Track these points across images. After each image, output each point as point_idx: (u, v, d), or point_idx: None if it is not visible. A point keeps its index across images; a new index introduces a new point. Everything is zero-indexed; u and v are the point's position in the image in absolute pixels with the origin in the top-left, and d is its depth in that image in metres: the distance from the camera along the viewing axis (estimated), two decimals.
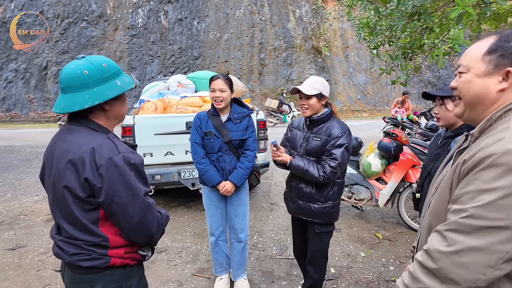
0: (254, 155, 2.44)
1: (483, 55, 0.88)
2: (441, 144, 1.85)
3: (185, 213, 4.24)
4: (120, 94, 1.18)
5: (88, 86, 1.12)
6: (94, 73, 1.13)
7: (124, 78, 1.22)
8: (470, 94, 0.90)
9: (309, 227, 2.15)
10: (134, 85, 1.23)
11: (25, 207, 4.42)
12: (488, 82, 0.87)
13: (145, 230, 1.16)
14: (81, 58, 1.17)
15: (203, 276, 2.79)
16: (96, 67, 1.14)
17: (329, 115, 2.04)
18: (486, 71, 0.87)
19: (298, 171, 2.00)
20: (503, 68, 0.85)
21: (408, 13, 3.21)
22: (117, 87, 1.17)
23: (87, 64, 1.13)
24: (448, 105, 1.72)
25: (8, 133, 11.34)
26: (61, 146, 1.15)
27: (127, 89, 1.19)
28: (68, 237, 1.16)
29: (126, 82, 1.21)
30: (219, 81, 2.30)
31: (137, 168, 1.15)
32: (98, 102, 1.12)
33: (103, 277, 1.16)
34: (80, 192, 1.09)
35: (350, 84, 19.25)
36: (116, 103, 1.22)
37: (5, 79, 14.75)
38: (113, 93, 1.15)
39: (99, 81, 1.13)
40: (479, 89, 0.88)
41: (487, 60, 0.87)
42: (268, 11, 18.06)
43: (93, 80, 1.12)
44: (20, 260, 3.04)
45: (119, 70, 1.22)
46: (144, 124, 3.71)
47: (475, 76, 0.89)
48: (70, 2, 15.44)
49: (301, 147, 2.10)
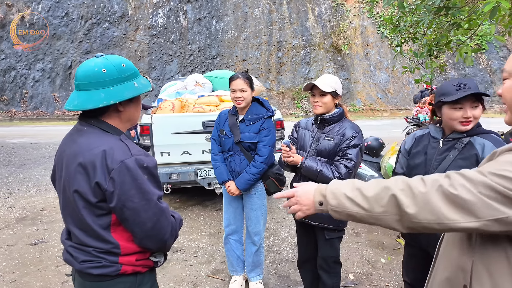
0: (262, 162, 2.31)
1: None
2: (446, 146, 1.62)
3: (201, 213, 4.23)
4: (136, 96, 1.14)
5: (105, 84, 1.08)
6: (112, 72, 1.09)
7: (141, 80, 1.19)
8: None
9: (319, 234, 2.05)
10: (151, 88, 1.20)
11: (48, 203, 4.55)
12: None
13: (158, 236, 1.12)
14: (100, 56, 1.14)
15: (218, 278, 2.75)
16: (115, 66, 1.11)
17: (341, 114, 1.99)
18: None
19: (310, 172, 1.91)
20: None
21: (435, 8, 3.05)
22: (134, 88, 1.13)
23: (106, 63, 1.10)
24: (482, 105, 1.56)
25: (34, 130, 11.80)
26: (71, 148, 1.11)
27: (144, 91, 1.15)
28: (79, 243, 1.13)
29: (143, 85, 1.18)
30: (239, 81, 2.27)
31: (150, 172, 1.11)
32: (113, 101, 1.08)
33: (113, 285, 1.12)
34: (91, 196, 1.05)
35: (371, 82, 18.79)
36: (131, 105, 1.18)
37: (32, 79, 15.37)
38: (130, 94, 1.11)
39: (117, 81, 1.10)
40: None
41: None
42: (287, 9, 17.90)
43: (110, 79, 1.09)
44: (41, 255, 3.11)
45: (136, 72, 1.18)
46: (161, 123, 3.73)
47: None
48: (93, 4, 15.89)
49: (311, 147, 2.01)
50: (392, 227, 0.80)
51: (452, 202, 0.71)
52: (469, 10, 3.21)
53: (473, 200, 0.68)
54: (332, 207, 0.87)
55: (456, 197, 0.70)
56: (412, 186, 0.76)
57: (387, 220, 0.79)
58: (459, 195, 0.70)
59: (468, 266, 0.79)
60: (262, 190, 2.47)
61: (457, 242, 0.85)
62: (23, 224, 3.85)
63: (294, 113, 16.14)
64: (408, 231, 0.80)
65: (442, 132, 1.67)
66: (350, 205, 0.84)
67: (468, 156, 1.53)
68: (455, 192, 0.70)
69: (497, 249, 0.74)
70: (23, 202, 4.60)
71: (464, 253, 0.81)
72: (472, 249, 0.80)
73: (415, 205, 0.74)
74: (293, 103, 17.37)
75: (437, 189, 0.73)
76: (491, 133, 1.57)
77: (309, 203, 0.92)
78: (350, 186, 0.87)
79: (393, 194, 0.77)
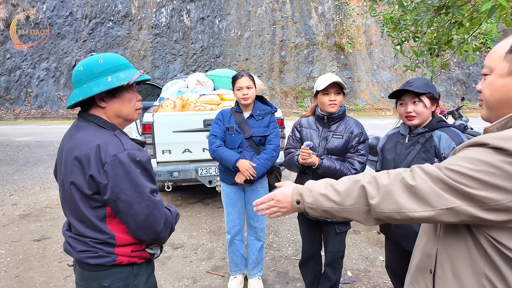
0: (273, 149, 2.39)
1: (505, 54, 0.81)
2: (411, 141, 1.73)
3: (202, 210, 4.27)
4: (115, 91, 1.14)
5: (81, 82, 1.13)
6: (86, 70, 1.13)
7: (121, 74, 1.15)
8: (494, 96, 0.83)
9: (328, 229, 2.08)
10: (125, 82, 1.14)
11: (51, 200, 4.62)
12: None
13: (152, 228, 1.15)
14: (89, 56, 1.18)
15: (217, 274, 2.79)
16: (91, 63, 1.14)
17: (344, 112, 2.06)
18: (509, 70, 0.80)
19: (329, 172, 1.93)
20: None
21: (435, 7, 3.05)
22: (105, 83, 1.11)
23: (85, 61, 1.15)
24: (425, 101, 1.67)
25: (39, 128, 11.92)
26: (69, 143, 1.16)
27: (115, 85, 1.12)
28: (77, 233, 1.17)
29: (119, 79, 1.14)
30: (245, 79, 2.33)
31: (143, 165, 1.14)
32: (81, 98, 1.10)
33: (110, 275, 1.16)
34: (86, 189, 1.09)
35: (374, 81, 18.72)
36: (115, 101, 1.17)
37: (37, 78, 15.51)
38: (98, 89, 1.10)
39: (90, 77, 1.12)
40: (503, 91, 0.81)
41: (510, 59, 0.80)
42: (290, 8, 17.88)
43: (85, 77, 1.13)
44: (44, 251, 3.17)
45: (119, 66, 1.15)
46: (163, 122, 3.76)
47: (498, 77, 0.82)
48: (97, 3, 15.99)
49: (319, 146, 2.04)
50: (362, 219, 0.85)
51: (411, 192, 0.77)
52: (470, 8, 3.21)
53: (428, 190, 0.74)
54: (308, 204, 0.93)
55: (414, 188, 0.76)
56: (378, 178, 0.82)
57: (357, 212, 0.85)
58: (416, 186, 0.76)
59: (433, 252, 0.86)
60: (265, 185, 2.53)
61: (426, 231, 0.93)
62: (27, 220, 3.91)
63: (297, 112, 16.14)
64: (376, 222, 0.85)
65: (409, 129, 1.79)
66: (324, 200, 0.89)
67: (429, 148, 1.65)
68: (414, 183, 0.76)
69: (457, 238, 0.80)
70: (27, 199, 4.67)
71: (431, 240, 0.88)
72: (437, 237, 0.86)
73: (378, 195, 0.80)
74: (296, 102, 17.36)
75: (400, 181, 0.79)
76: (451, 127, 1.68)
77: (287, 203, 0.99)
78: (323, 184, 0.94)
79: (362, 185, 0.83)
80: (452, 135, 1.62)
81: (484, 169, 0.70)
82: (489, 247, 0.74)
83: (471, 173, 0.71)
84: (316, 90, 2.01)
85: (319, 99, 2.02)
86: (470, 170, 0.71)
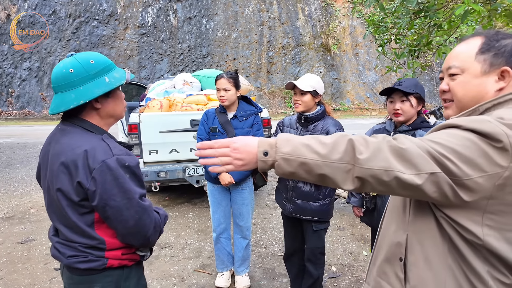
0: None
1: (476, 55, 0.86)
2: None
3: (190, 210, 4.29)
4: (109, 91, 1.12)
5: (74, 85, 1.08)
6: (79, 71, 1.09)
7: (115, 74, 1.16)
8: (468, 95, 0.87)
9: (306, 226, 2.15)
10: (124, 81, 1.16)
11: (35, 202, 4.54)
12: (486, 81, 0.85)
13: (141, 233, 1.14)
14: (69, 56, 1.13)
15: (205, 272, 2.82)
16: (82, 64, 1.10)
17: (323, 112, 2.10)
18: (482, 70, 0.85)
19: None
20: (498, 67, 0.84)
21: (414, 10, 3.17)
22: (105, 84, 1.11)
23: (74, 62, 1.10)
24: (412, 101, 1.79)
25: (21, 130, 11.63)
26: (55, 148, 1.13)
27: (115, 86, 1.13)
28: (65, 239, 1.15)
29: (116, 78, 1.14)
30: (223, 80, 2.36)
31: (132, 170, 1.12)
32: (83, 101, 1.07)
33: (101, 278, 1.15)
34: (73, 195, 1.07)
35: (360, 82, 19.04)
36: (109, 101, 1.17)
37: (19, 78, 15.11)
38: (100, 90, 1.10)
39: (86, 79, 1.09)
40: (478, 90, 0.85)
41: (481, 60, 0.85)
42: (277, 9, 17.99)
43: (78, 79, 1.08)
44: (29, 254, 3.13)
45: (109, 66, 1.16)
46: (149, 122, 3.76)
47: (471, 77, 0.86)
48: (81, 2, 15.69)
49: None
50: (340, 179, 0.78)
51: (400, 154, 0.75)
52: (447, 12, 3.35)
53: (416, 154, 0.74)
54: (284, 155, 0.78)
55: (403, 151, 0.75)
56: (365, 137, 0.80)
57: (339, 169, 0.77)
58: (406, 149, 0.75)
59: (403, 239, 0.87)
60: (250, 185, 2.58)
61: (394, 219, 0.94)
62: (11, 223, 3.84)
63: (285, 112, 16.26)
64: (354, 184, 0.78)
65: (394, 127, 1.90)
66: (306, 151, 0.78)
67: None
68: (404, 146, 0.75)
69: (425, 222, 0.83)
70: (10, 201, 4.58)
71: (400, 227, 0.89)
72: (406, 223, 0.88)
73: (368, 151, 0.76)
74: (284, 102, 17.49)
75: (387, 142, 0.77)
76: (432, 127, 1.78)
77: (247, 154, 0.81)
78: (306, 137, 0.83)
79: (350, 139, 0.78)
80: None
81: (463, 143, 0.73)
82: (449, 228, 0.79)
83: (451, 145, 0.73)
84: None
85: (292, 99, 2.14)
86: (450, 142, 0.74)
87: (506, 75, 0.83)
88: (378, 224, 1.84)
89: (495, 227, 0.75)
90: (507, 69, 0.82)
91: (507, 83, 0.83)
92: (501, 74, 0.83)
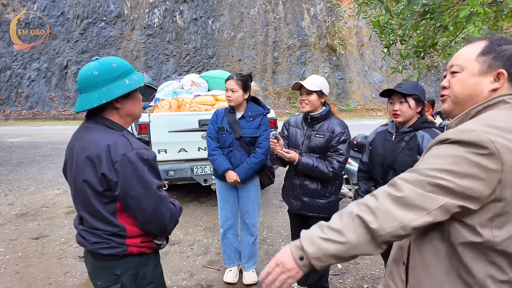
0: (263, 153, 2.50)
1: (477, 56, 0.92)
2: (397, 139, 1.90)
3: (198, 208, 4.37)
4: (128, 92, 1.23)
5: (98, 86, 1.19)
6: (103, 74, 1.20)
7: (134, 77, 1.26)
8: (464, 92, 0.93)
9: (313, 223, 2.19)
10: (142, 83, 1.27)
11: (47, 200, 4.67)
12: (482, 81, 0.91)
13: (158, 221, 1.24)
14: (94, 60, 1.25)
15: (213, 268, 2.90)
16: (105, 67, 1.21)
17: (328, 112, 2.16)
18: (480, 71, 0.91)
19: (307, 169, 2.07)
20: (495, 69, 0.90)
21: (420, 12, 3.21)
22: (125, 86, 1.22)
23: (98, 66, 1.21)
24: (410, 102, 1.84)
25: (30, 129, 11.85)
26: (80, 143, 1.23)
27: (134, 88, 1.24)
28: (90, 227, 1.25)
29: (135, 81, 1.25)
30: (232, 81, 2.44)
31: (150, 163, 1.22)
32: (105, 100, 1.18)
33: (121, 264, 1.25)
34: (98, 186, 1.17)
35: (365, 82, 19.02)
36: (128, 101, 1.27)
37: (28, 78, 15.36)
38: (120, 91, 1.20)
39: (108, 81, 1.20)
40: (474, 88, 0.92)
41: (481, 61, 0.91)
42: (283, 10, 18.05)
43: (102, 80, 1.19)
44: (43, 249, 3.23)
45: (129, 70, 1.27)
46: (159, 122, 3.86)
47: (469, 75, 0.93)
48: (89, 3, 15.91)
49: (303, 144, 2.17)
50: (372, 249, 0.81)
51: (403, 204, 0.79)
52: (454, 13, 3.38)
53: (418, 196, 0.78)
54: (313, 255, 0.83)
55: (404, 199, 0.79)
56: (367, 203, 0.83)
57: (364, 244, 0.81)
58: (406, 196, 0.78)
59: (406, 245, 0.94)
60: (257, 183, 2.65)
61: None
62: (24, 219, 3.96)
63: (290, 113, 16.31)
64: (383, 247, 0.81)
65: (396, 128, 1.96)
66: (329, 245, 0.82)
67: (413, 146, 1.82)
68: (402, 194, 0.79)
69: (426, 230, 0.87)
70: (23, 199, 4.71)
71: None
72: None
73: (376, 218, 0.79)
74: (289, 103, 17.54)
75: (387, 197, 0.81)
76: (433, 128, 1.86)
77: (292, 264, 0.86)
78: (318, 228, 0.88)
79: (356, 215, 0.82)
80: (434, 136, 1.78)
81: (454, 161, 0.78)
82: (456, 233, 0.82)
83: (445, 167, 0.78)
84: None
85: (298, 99, 2.20)
86: (443, 164, 0.78)
87: (501, 77, 0.89)
88: None
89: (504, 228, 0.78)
90: (503, 72, 0.89)
91: (501, 85, 0.89)
92: (497, 76, 0.89)
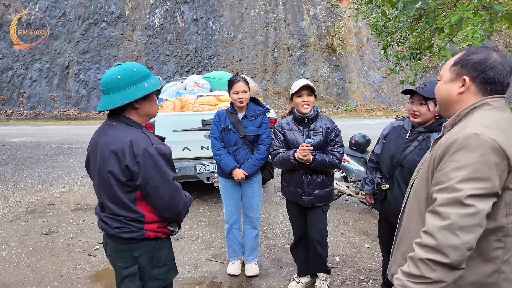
0: (266, 149, 2.64)
1: (450, 66, 1.11)
2: (410, 138, 1.96)
3: (201, 205, 4.51)
4: (147, 94, 1.39)
5: (120, 88, 1.35)
6: (125, 77, 1.35)
7: (152, 80, 1.42)
8: (441, 96, 1.15)
9: (317, 211, 2.38)
10: (159, 86, 1.45)
11: (54, 198, 4.80)
12: (451, 87, 1.10)
13: (174, 208, 1.40)
14: (117, 65, 1.40)
15: (217, 261, 3.03)
16: (127, 72, 1.36)
17: (317, 112, 2.35)
18: (450, 78, 1.10)
19: (322, 165, 2.25)
20: (461, 76, 1.08)
21: (415, 16, 3.34)
22: (144, 88, 1.37)
23: (120, 70, 1.37)
24: (430, 105, 1.87)
25: (33, 129, 11.97)
26: (104, 139, 1.39)
27: (152, 90, 1.40)
28: (112, 213, 1.40)
29: (153, 84, 1.42)
30: (241, 84, 2.57)
31: (167, 157, 1.39)
32: (127, 101, 1.34)
33: (140, 247, 1.41)
34: (121, 176, 1.33)
35: (365, 82, 19.14)
36: (146, 102, 1.43)
37: (30, 78, 15.48)
38: (140, 93, 1.36)
39: (129, 84, 1.35)
40: (445, 93, 1.12)
41: (452, 70, 1.10)
42: (283, 10, 18.18)
43: (124, 83, 1.35)
44: (53, 244, 3.37)
45: (147, 74, 1.42)
46: (163, 122, 3.99)
47: (443, 83, 1.13)
48: (90, 4, 16.03)
49: None
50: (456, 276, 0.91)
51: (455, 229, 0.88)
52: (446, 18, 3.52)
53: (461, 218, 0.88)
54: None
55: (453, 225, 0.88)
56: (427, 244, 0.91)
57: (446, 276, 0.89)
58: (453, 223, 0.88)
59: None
60: (260, 179, 2.79)
61: (415, 219, 1.11)
62: (33, 216, 4.09)
63: None
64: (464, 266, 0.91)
65: (411, 126, 2.01)
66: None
67: (424, 147, 1.90)
68: (449, 221, 0.89)
69: None
70: (30, 197, 4.84)
71: (420, 227, 1.03)
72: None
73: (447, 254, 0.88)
74: (289, 103, 17.61)
75: (440, 230, 0.89)
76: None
77: None
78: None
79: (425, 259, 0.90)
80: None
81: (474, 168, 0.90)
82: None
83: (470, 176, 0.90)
84: (292, 93, 2.29)
85: (294, 100, 2.31)
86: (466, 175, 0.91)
87: (465, 82, 1.07)
88: (388, 211, 2.02)
89: None
90: (465, 78, 1.06)
91: (465, 89, 1.07)
92: (464, 81, 1.07)
